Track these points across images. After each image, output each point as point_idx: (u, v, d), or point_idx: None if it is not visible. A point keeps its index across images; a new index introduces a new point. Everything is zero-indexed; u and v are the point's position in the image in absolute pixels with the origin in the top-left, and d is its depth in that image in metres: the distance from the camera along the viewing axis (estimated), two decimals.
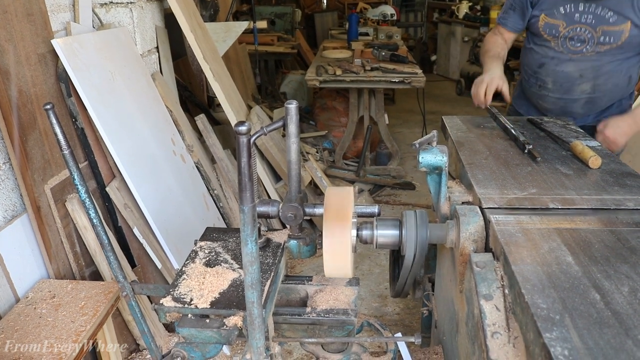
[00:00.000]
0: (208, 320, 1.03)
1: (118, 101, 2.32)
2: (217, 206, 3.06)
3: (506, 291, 0.97)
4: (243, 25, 3.97)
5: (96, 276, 2.10)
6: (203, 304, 1.03)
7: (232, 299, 1.04)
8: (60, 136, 1.10)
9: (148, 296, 2.21)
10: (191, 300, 1.04)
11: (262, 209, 1.17)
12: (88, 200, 1.19)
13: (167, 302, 1.04)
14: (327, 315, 1.18)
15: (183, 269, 1.15)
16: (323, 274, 1.20)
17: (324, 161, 4.32)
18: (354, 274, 1.21)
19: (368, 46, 4.96)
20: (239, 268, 1.14)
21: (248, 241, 0.85)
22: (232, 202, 3.17)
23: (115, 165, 2.20)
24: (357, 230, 1.19)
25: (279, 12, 7.03)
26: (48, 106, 1.07)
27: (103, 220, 1.51)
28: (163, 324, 2.36)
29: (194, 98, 3.89)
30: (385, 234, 1.21)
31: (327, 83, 3.99)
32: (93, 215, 1.20)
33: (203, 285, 1.09)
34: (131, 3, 2.82)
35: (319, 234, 1.16)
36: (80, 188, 1.17)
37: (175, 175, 2.62)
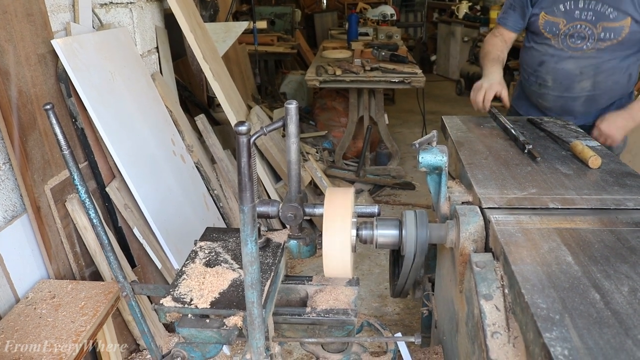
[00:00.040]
0: (208, 320, 1.03)
1: (118, 101, 2.32)
2: (217, 206, 3.06)
3: (506, 291, 0.97)
4: (243, 25, 3.98)
5: (96, 276, 2.10)
6: (203, 304, 1.03)
7: (232, 299, 1.04)
8: (60, 136, 1.10)
9: (148, 296, 2.21)
10: (191, 300, 1.04)
11: (262, 209, 1.17)
12: (88, 200, 1.19)
13: (167, 302, 1.04)
14: (327, 315, 1.18)
15: (183, 269, 1.15)
16: (323, 274, 1.20)
17: (324, 161, 4.32)
18: (354, 274, 1.21)
19: (368, 46, 4.95)
20: (239, 268, 1.14)
21: (248, 241, 0.85)
22: (232, 202, 3.17)
23: (115, 165, 2.20)
24: (357, 230, 1.19)
25: (279, 13, 7.04)
26: (48, 106, 1.07)
27: (103, 220, 1.51)
28: (163, 324, 2.36)
29: (194, 98, 3.89)
30: (385, 234, 1.21)
31: (327, 83, 3.99)
32: (93, 215, 1.21)
33: (203, 285, 1.09)
34: (131, 3, 2.82)
35: (319, 234, 1.16)
36: (80, 188, 1.17)
37: (175, 175, 2.62)
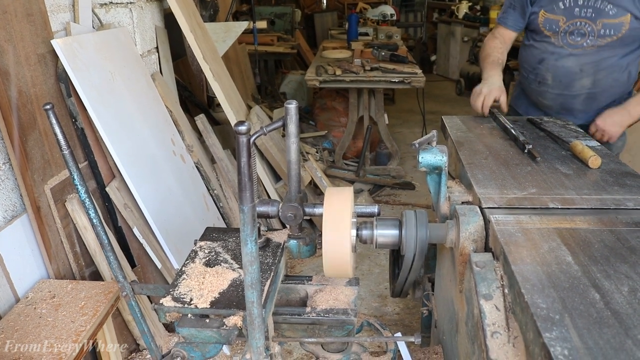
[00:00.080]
0: (208, 320, 1.03)
1: (118, 101, 2.32)
2: (217, 206, 3.06)
3: (506, 291, 0.97)
4: (243, 25, 3.97)
5: (96, 276, 2.10)
6: (203, 304, 1.03)
7: (232, 299, 1.04)
8: (60, 136, 1.10)
9: (148, 296, 2.21)
10: (191, 300, 1.04)
11: (262, 209, 1.17)
12: (88, 200, 1.19)
13: (167, 302, 1.04)
14: (327, 315, 1.18)
15: (183, 269, 1.15)
16: (323, 274, 1.20)
17: (324, 161, 4.32)
18: (354, 274, 1.21)
19: (368, 46, 4.95)
20: (239, 268, 1.14)
21: (248, 241, 0.85)
22: (232, 202, 3.17)
23: (115, 165, 2.20)
24: (357, 230, 1.19)
25: (279, 12, 7.04)
26: (48, 106, 1.07)
27: (103, 220, 1.51)
28: (163, 324, 2.36)
29: (194, 98, 3.89)
30: (385, 234, 1.21)
31: (327, 83, 3.99)
32: (93, 215, 1.21)
33: (203, 285, 1.09)
34: (131, 3, 2.82)
35: (319, 234, 1.16)
36: (80, 188, 1.17)
37: (175, 175, 2.62)
